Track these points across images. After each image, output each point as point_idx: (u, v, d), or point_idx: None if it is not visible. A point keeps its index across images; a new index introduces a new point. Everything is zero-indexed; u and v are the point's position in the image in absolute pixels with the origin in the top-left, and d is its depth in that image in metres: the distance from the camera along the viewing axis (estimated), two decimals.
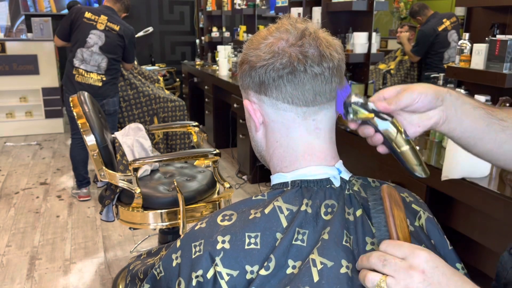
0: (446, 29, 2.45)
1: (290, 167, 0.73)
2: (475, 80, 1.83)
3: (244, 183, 3.67)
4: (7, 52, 4.92)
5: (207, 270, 0.64)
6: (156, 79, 4.04)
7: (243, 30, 4.60)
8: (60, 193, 3.47)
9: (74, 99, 1.98)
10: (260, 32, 0.72)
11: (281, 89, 0.68)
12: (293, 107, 0.70)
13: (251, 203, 0.71)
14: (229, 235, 0.65)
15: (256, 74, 0.69)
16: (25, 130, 5.19)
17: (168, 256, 0.69)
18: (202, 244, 0.65)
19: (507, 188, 1.44)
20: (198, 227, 0.69)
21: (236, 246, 0.64)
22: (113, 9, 3.19)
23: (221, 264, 0.63)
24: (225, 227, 0.67)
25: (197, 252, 0.65)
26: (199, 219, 0.74)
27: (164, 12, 6.07)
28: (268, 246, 0.64)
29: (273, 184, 0.75)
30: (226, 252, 0.64)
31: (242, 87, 0.75)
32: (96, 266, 2.46)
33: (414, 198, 0.78)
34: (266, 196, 0.71)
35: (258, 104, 0.72)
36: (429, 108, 0.68)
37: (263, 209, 0.68)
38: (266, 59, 0.68)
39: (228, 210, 0.70)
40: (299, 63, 0.66)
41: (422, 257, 0.53)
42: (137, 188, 1.85)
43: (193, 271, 0.64)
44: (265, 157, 0.79)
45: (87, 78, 3.11)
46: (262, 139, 0.76)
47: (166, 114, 3.81)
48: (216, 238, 0.65)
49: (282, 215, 0.67)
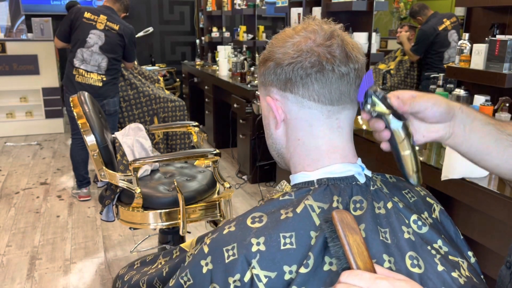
0: (446, 28, 2.45)
1: (313, 165, 0.73)
2: (475, 80, 1.83)
3: (244, 183, 3.68)
4: (8, 52, 4.92)
5: (243, 273, 0.63)
6: (156, 79, 4.04)
7: (243, 30, 4.60)
8: (60, 193, 3.47)
9: (74, 99, 1.98)
10: (286, 31, 0.73)
11: (308, 87, 0.70)
12: (319, 105, 0.71)
13: (279, 203, 0.70)
14: (263, 236, 0.65)
15: (283, 72, 0.70)
16: (25, 130, 5.19)
17: (196, 263, 0.67)
18: (236, 248, 0.64)
19: (507, 188, 1.44)
20: (226, 231, 0.68)
21: (272, 247, 0.64)
22: (112, 8, 3.19)
23: (258, 267, 0.63)
24: (257, 229, 0.66)
25: (230, 257, 0.64)
26: (223, 223, 0.71)
27: (164, 12, 6.07)
28: (304, 244, 0.64)
29: (296, 183, 0.75)
30: (262, 254, 0.63)
31: (263, 84, 0.75)
32: (96, 266, 2.46)
33: (427, 191, 0.80)
34: (293, 196, 0.71)
35: (280, 101, 0.73)
36: (438, 120, 0.69)
37: (294, 208, 0.67)
38: (294, 57, 0.69)
39: (256, 212, 0.69)
40: (327, 62, 0.68)
41: (383, 286, 0.52)
42: (137, 188, 1.85)
43: (229, 276, 0.63)
44: (284, 155, 0.78)
45: (87, 78, 3.11)
46: (282, 136, 0.76)
47: (166, 114, 3.81)
48: (250, 241, 0.64)
49: (314, 213, 0.67)
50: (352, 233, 0.57)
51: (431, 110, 0.68)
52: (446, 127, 0.70)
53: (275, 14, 4.64)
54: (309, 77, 0.69)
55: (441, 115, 0.68)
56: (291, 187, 0.75)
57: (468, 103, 1.92)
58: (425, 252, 0.67)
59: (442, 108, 0.68)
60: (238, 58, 4.34)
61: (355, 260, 0.56)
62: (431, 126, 0.70)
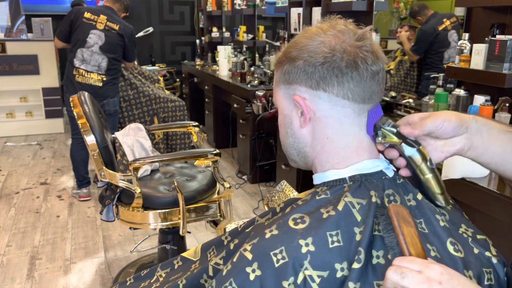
0: (446, 28, 2.45)
1: (343, 163, 0.74)
2: (475, 80, 1.83)
3: (244, 183, 3.68)
4: (8, 52, 4.92)
5: (296, 276, 0.63)
6: (156, 79, 4.04)
7: (243, 30, 4.60)
8: (61, 193, 3.47)
9: (74, 99, 1.98)
10: (311, 30, 0.74)
11: (343, 85, 0.71)
12: (351, 103, 0.72)
13: (316, 203, 0.71)
14: (311, 237, 0.65)
15: (316, 70, 0.71)
16: (26, 130, 5.19)
17: (240, 270, 0.66)
18: (284, 251, 0.64)
19: (507, 188, 1.45)
20: (269, 235, 0.67)
21: (321, 246, 0.64)
22: (112, 8, 3.19)
23: (311, 267, 0.63)
24: (302, 230, 0.66)
25: (280, 260, 0.64)
26: (262, 227, 0.71)
27: (164, 12, 6.07)
28: (349, 241, 0.65)
29: (325, 181, 0.75)
30: (313, 255, 0.64)
31: (286, 83, 0.76)
32: (96, 266, 2.46)
33: None
34: (329, 194, 0.71)
35: (309, 99, 0.73)
36: (453, 135, 0.70)
37: (334, 206, 0.68)
38: (328, 56, 0.70)
39: (296, 213, 0.69)
40: (362, 61, 0.70)
41: (437, 270, 0.54)
42: (137, 188, 1.85)
43: (283, 280, 0.63)
44: (306, 154, 0.79)
45: (87, 78, 3.11)
46: (307, 135, 0.76)
47: (166, 114, 3.81)
48: (298, 243, 0.64)
49: (354, 209, 0.68)
50: (407, 225, 0.59)
51: (443, 127, 0.69)
52: (463, 139, 0.70)
53: (275, 14, 4.64)
54: (345, 75, 0.70)
55: (453, 129, 0.69)
56: (320, 185, 0.76)
57: (468, 103, 1.92)
58: (460, 237, 0.70)
59: (453, 123, 0.69)
60: (238, 58, 4.35)
61: (408, 249, 0.58)
62: (448, 141, 0.71)
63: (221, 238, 0.86)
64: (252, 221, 0.82)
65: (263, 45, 4.52)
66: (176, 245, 2.19)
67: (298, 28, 3.22)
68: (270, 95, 3.36)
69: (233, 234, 0.84)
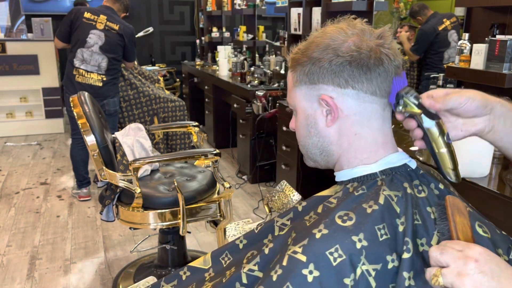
0: (446, 28, 2.45)
1: (372, 158, 0.77)
2: (475, 80, 1.83)
3: (244, 183, 3.68)
4: (8, 52, 4.92)
5: (355, 272, 0.64)
6: (156, 79, 4.04)
7: (243, 30, 4.60)
8: (61, 193, 3.47)
9: (74, 99, 1.98)
10: (331, 30, 0.75)
11: (372, 82, 0.73)
12: (378, 99, 0.75)
13: (356, 199, 0.72)
14: (362, 232, 0.66)
15: (344, 69, 0.73)
16: (26, 130, 5.19)
17: (296, 274, 0.65)
18: (340, 249, 0.65)
19: (507, 188, 1.45)
20: (320, 235, 0.67)
21: (373, 241, 0.66)
22: (112, 8, 3.19)
23: (367, 262, 0.65)
24: (352, 226, 0.67)
25: (338, 258, 0.65)
26: (306, 228, 0.71)
27: (164, 12, 6.07)
28: (394, 232, 0.68)
29: (355, 177, 0.77)
30: (367, 249, 0.65)
31: (311, 83, 0.77)
32: (96, 266, 2.46)
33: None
34: (366, 190, 0.73)
35: (336, 98, 0.75)
36: (474, 114, 0.70)
37: (375, 201, 0.70)
38: (354, 55, 0.72)
39: (340, 211, 0.70)
40: (386, 58, 0.73)
41: (477, 249, 0.56)
42: (137, 188, 1.85)
43: (344, 278, 0.64)
44: (331, 152, 0.80)
45: (87, 78, 3.11)
46: (333, 133, 0.78)
47: (166, 114, 3.81)
48: (351, 239, 0.66)
49: (393, 202, 0.71)
50: (461, 215, 0.62)
51: (465, 105, 0.69)
52: (485, 120, 0.70)
53: (275, 14, 4.64)
54: (373, 72, 0.73)
55: (476, 108, 0.69)
56: (349, 181, 0.77)
57: None
58: (482, 219, 0.74)
59: (477, 102, 0.69)
60: (238, 58, 4.35)
61: (457, 235, 0.61)
62: (469, 120, 0.71)
63: (235, 242, 0.85)
64: (272, 222, 0.81)
65: (263, 45, 4.52)
66: (176, 245, 2.19)
67: (298, 28, 3.22)
68: (270, 95, 3.36)
69: (250, 237, 0.83)
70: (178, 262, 2.24)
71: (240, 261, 0.81)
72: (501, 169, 1.63)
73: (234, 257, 0.83)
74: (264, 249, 0.75)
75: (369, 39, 0.73)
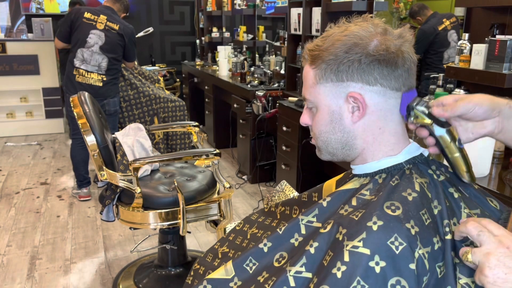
0: (446, 28, 2.45)
1: (395, 149, 0.81)
2: (475, 80, 1.83)
3: (244, 183, 3.68)
4: (8, 52, 4.92)
5: (413, 256, 0.67)
6: (156, 79, 4.04)
7: (243, 31, 4.60)
8: (61, 193, 3.47)
9: (74, 99, 1.98)
10: (355, 29, 0.78)
11: (398, 79, 0.77)
12: (397, 93, 0.79)
13: (394, 188, 0.76)
14: (411, 219, 0.70)
15: (375, 68, 0.76)
16: (26, 130, 5.19)
17: (364, 267, 0.67)
18: (399, 238, 0.68)
19: (507, 188, 1.45)
20: (376, 227, 0.69)
21: (422, 226, 0.70)
22: (112, 8, 3.20)
23: (422, 246, 0.68)
24: (402, 214, 0.70)
25: (399, 246, 0.67)
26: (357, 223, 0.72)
27: (164, 13, 6.07)
28: (432, 216, 0.73)
29: (381, 168, 0.81)
30: (420, 234, 0.69)
31: (338, 80, 0.79)
32: (96, 266, 2.46)
33: None
34: (399, 179, 0.77)
35: (365, 95, 0.78)
36: (484, 118, 0.74)
37: (412, 189, 0.75)
38: (384, 54, 0.76)
39: (386, 202, 0.73)
40: (408, 56, 0.78)
41: (511, 238, 0.60)
42: (137, 188, 1.86)
43: (410, 263, 0.67)
44: (355, 146, 0.82)
45: (87, 79, 3.11)
46: (358, 128, 0.80)
47: (166, 114, 3.81)
48: (406, 226, 0.69)
49: (425, 188, 0.76)
50: None
51: (474, 110, 0.72)
52: (494, 123, 0.74)
53: (275, 14, 4.64)
54: (400, 70, 0.77)
55: (484, 113, 0.73)
56: (377, 173, 0.81)
57: None
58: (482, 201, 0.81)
59: (485, 107, 0.72)
60: (238, 58, 4.35)
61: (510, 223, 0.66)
62: (478, 123, 0.75)
63: (258, 246, 0.85)
64: (297, 220, 0.83)
65: (263, 45, 4.52)
66: (176, 245, 2.19)
67: (298, 28, 3.22)
68: (270, 95, 3.36)
69: (274, 239, 0.84)
70: (178, 262, 2.25)
71: (269, 264, 0.82)
72: (501, 169, 1.63)
73: (260, 261, 0.83)
74: (309, 249, 0.75)
75: (393, 39, 0.77)
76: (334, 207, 0.81)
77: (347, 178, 0.90)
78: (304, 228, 0.82)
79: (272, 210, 1.11)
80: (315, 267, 0.73)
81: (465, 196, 0.79)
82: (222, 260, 1.05)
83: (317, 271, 0.72)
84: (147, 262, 2.41)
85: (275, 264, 0.81)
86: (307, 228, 0.81)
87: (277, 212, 1.07)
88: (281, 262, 0.80)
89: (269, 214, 1.10)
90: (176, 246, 2.19)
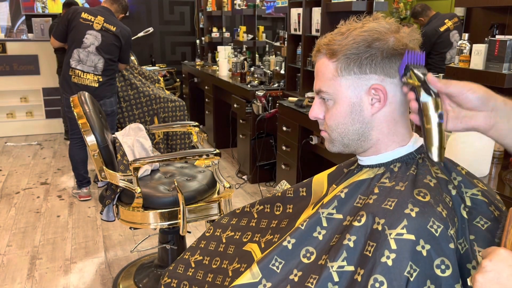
0: (448, 29, 2.45)
1: (406, 140, 0.86)
2: (475, 81, 1.82)
3: (244, 183, 3.68)
4: (8, 52, 4.92)
5: (450, 236, 0.73)
6: (156, 79, 4.04)
7: (243, 31, 4.60)
8: (61, 193, 3.47)
9: (74, 99, 1.98)
10: (376, 25, 0.82)
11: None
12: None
13: (415, 177, 0.80)
14: (440, 203, 0.76)
15: (395, 61, 0.80)
16: (26, 130, 5.19)
17: (413, 252, 0.71)
18: (435, 221, 0.73)
19: (507, 187, 1.45)
20: (414, 214, 0.73)
21: (448, 208, 0.76)
22: (110, 10, 3.18)
23: (451, 227, 0.74)
24: (431, 199, 0.75)
25: (438, 229, 0.72)
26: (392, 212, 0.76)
27: (164, 13, 6.07)
28: (451, 198, 0.80)
29: (396, 158, 0.85)
30: (449, 216, 0.75)
31: (361, 73, 0.81)
32: (96, 266, 2.46)
33: None
34: (418, 168, 0.82)
35: (385, 87, 0.81)
36: (474, 106, 0.71)
37: (430, 175, 0.80)
38: (403, 48, 0.79)
39: (413, 189, 0.77)
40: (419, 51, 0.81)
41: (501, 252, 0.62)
42: (137, 188, 1.86)
43: (449, 243, 0.72)
44: (370, 137, 0.85)
45: (83, 79, 3.09)
46: (376, 120, 0.83)
47: (166, 114, 3.81)
48: (438, 210, 0.74)
49: (438, 174, 0.82)
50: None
51: (466, 95, 0.71)
52: (485, 117, 0.71)
53: (275, 14, 4.64)
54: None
55: (477, 100, 0.70)
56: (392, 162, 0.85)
57: None
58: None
59: (478, 95, 0.71)
60: (238, 58, 4.35)
61: (505, 243, 0.66)
62: (470, 113, 0.72)
63: (282, 244, 0.86)
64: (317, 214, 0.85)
65: (263, 45, 4.52)
66: (176, 245, 2.19)
67: (298, 28, 3.22)
68: (270, 95, 3.36)
69: (297, 235, 0.85)
70: None
71: (296, 261, 0.83)
72: (501, 169, 1.63)
73: (286, 259, 0.85)
74: (347, 243, 0.78)
75: (405, 36, 0.81)
76: (353, 198, 0.84)
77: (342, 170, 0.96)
78: (326, 221, 0.85)
79: (247, 211, 1.11)
80: (355, 259, 0.77)
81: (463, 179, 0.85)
82: (196, 269, 1.06)
83: (360, 262, 0.75)
84: (147, 262, 2.41)
85: (304, 260, 0.83)
86: (328, 221, 0.84)
87: (254, 212, 1.08)
88: (311, 258, 0.82)
89: (243, 215, 1.11)
90: (176, 246, 2.19)
